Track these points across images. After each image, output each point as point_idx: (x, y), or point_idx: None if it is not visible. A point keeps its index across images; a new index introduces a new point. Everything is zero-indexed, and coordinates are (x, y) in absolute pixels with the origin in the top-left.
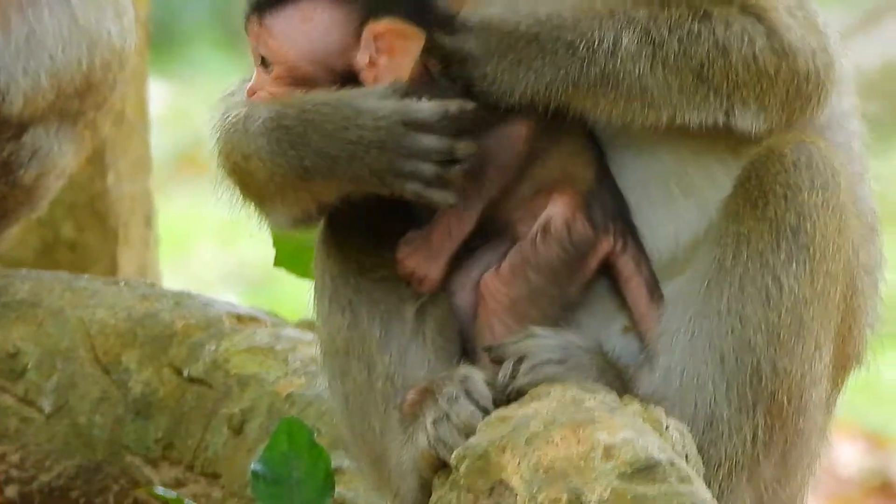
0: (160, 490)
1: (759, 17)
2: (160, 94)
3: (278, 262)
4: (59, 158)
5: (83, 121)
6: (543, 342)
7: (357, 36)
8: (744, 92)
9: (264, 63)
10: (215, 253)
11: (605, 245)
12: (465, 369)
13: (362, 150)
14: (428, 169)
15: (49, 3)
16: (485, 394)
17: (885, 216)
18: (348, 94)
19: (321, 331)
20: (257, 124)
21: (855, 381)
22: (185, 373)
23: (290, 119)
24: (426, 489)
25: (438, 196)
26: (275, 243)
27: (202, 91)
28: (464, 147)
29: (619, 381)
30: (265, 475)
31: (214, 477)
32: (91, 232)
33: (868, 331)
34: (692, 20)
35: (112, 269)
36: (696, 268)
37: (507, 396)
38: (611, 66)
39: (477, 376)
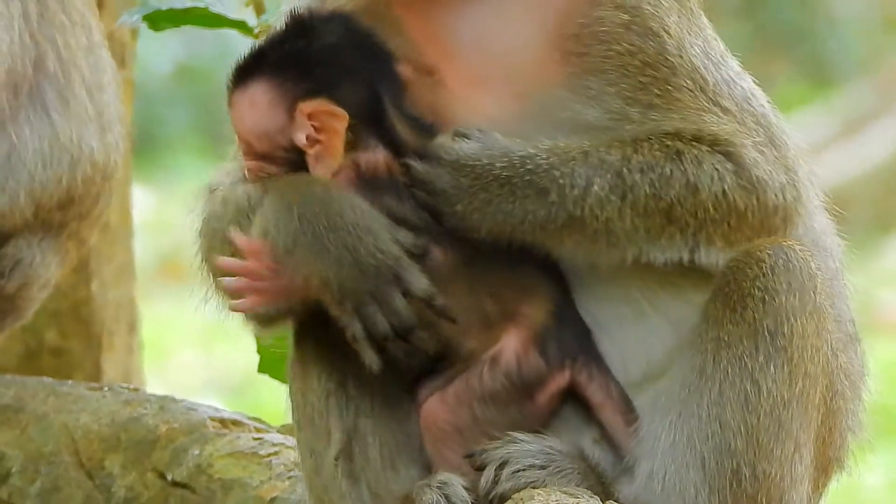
0: None
1: (727, 153)
2: (142, 201)
3: (262, 368)
4: (42, 269)
5: (66, 232)
6: (525, 447)
7: (292, 117)
8: (710, 229)
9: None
10: (198, 358)
11: (560, 380)
12: (443, 475)
13: (349, 261)
14: (381, 326)
15: (30, 120)
16: (464, 498)
17: (865, 320)
18: (361, 206)
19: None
20: (254, 198)
21: (837, 486)
22: (169, 477)
23: (297, 199)
24: None
25: (369, 356)
26: (259, 349)
27: (184, 198)
28: (420, 338)
29: (601, 486)
30: None
31: None
32: (75, 338)
33: (850, 435)
34: (665, 161)
35: (96, 375)
36: (675, 373)
37: (489, 503)
38: (579, 211)
39: (455, 482)
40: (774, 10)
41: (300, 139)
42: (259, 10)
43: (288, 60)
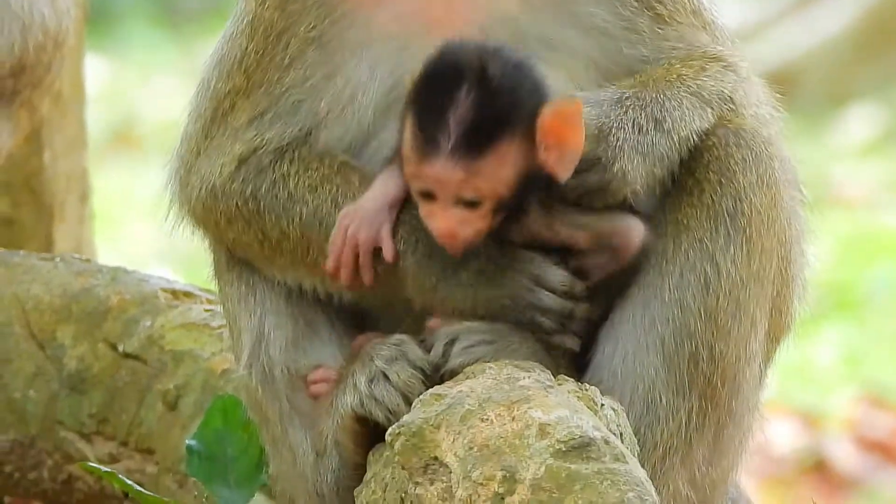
0: (94, 465)
1: (729, 65)
2: (96, 71)
3: None
4: None
5: (19, 100)
6: (475, 325)
7: (533, 141)
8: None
9: (467, 203)
10: (150, 229)
11: None
12: (399, 336)
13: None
14: (546, 326)
15: None
16: (421, 356)
17: (818, 195)
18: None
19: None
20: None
21: (788, 361)
22: (120, 348)
23: None
24: (352, 464)
25: (566, 341)
26: None
27: (137, 67)
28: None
29: (553, 363)
30: (199, 451)
31: (149, 452)
32: (26, 209)
33: (798, 300)
34: (706, 67)
35: (47, 246)
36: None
37: (440, 378)
38: (685, 130)
39: (410, 340)
40: None
41: (541, 151)
42: None
43: (493, 106)
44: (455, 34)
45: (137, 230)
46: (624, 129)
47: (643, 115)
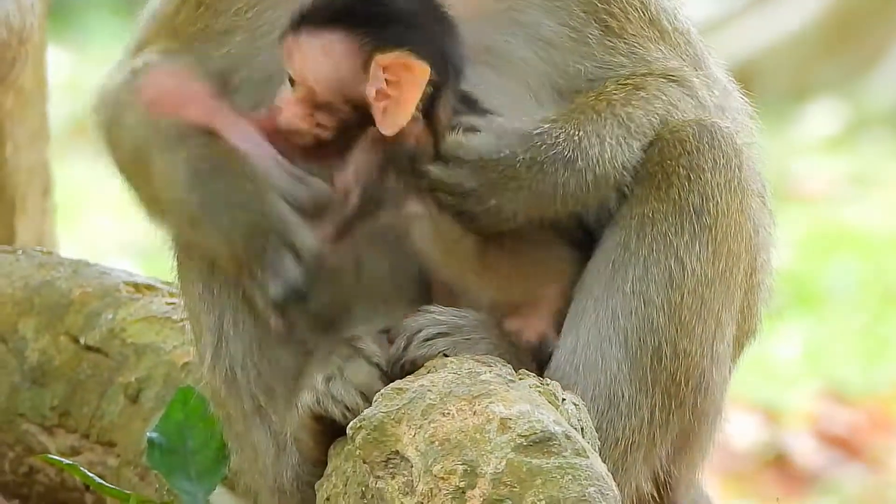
0: (56, 457)
1: (679, 81)
2: (57, 63)
3: None
4: None
5: None
6: (436, 317)
7: (367, 67)
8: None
9: (291, 81)
10: (112, 222)
11: None
12: (356, 332)
13: (239, 230)
14: (273, 291)
15: None
16: (377, 352)
17: (780, 190)
18: (257, 165)
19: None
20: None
21: (748, 355)
22: (82, 341)
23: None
24: (312, 461)
25: (272, 321)
26: None
27: (98, 59)
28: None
29: (515, 357)
30: (160, 444)
31: (110, 445)
32: None
33: (764, 307)
34: (643, 90)
35: (9, 239)
36: (601, 250)
37: (400, 369)
38: (601, 167)
39: (367, 337)
40: None
41: (370, 92)
42: None
43: (366, 12)
44: None
45: (99, 223)
46: (515, 167)
47: (545, 155)
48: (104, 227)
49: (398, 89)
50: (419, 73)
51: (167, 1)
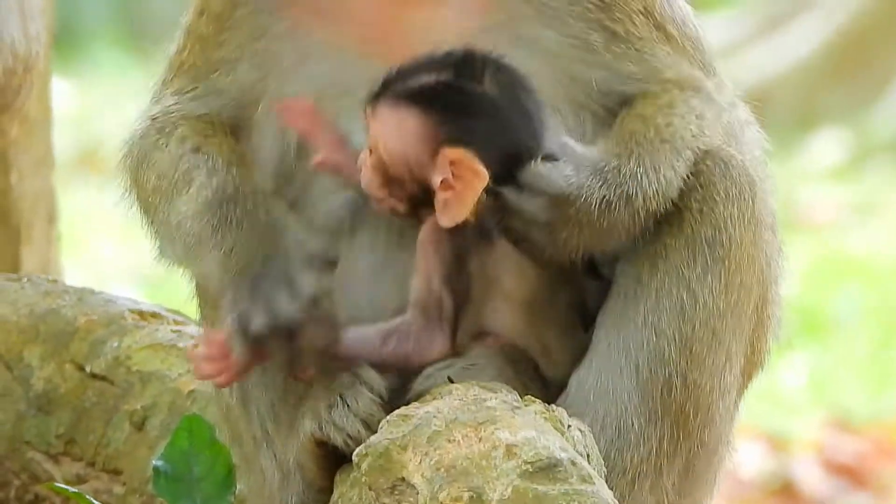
0: (62, 486)
1: (697, 89)
2: (62, 93)
3: None
4: None
5: None
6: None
7: (434, 156)
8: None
9: (369, 148)
10: (117, 250)
11: None
12: (361, 369)
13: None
14: (256, 323)
15: None
16: (380, 382)
17: (786, 218)
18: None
19: None
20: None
21: (756, 384)
22: (87, 369)
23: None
24: (316, 487)
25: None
26: None
27: (104, 89)
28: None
29: (519, 381)
30: (166, 471)
31: (116, 473)
32: None
33: (773, 339)
34: (676, 106)
35: (14, 267)
36: (615, 283)
37: (406, 401)
38: (655, 203)
39: (368, 367)
40: None
41: (435, 181)
42: None
43: (446, 98)
44: (396, 60)
45: (104, 251)
46: (591, 206)
47: (615, 193)
48: (109, 255)
49: (461, 184)
50: (479, 178)
51: (175, 40)
